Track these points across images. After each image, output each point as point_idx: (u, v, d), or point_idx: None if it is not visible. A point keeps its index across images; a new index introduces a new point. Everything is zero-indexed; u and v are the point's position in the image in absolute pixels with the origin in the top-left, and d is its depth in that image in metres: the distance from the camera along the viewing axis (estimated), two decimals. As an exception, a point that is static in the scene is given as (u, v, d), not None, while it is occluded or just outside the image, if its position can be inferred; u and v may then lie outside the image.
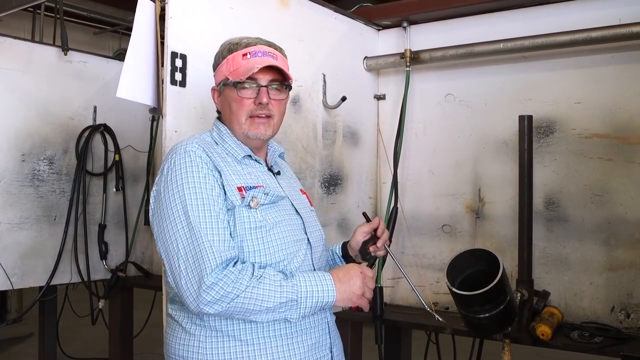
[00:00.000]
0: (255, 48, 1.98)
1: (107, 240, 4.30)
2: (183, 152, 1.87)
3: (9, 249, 3.79)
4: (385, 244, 2.21)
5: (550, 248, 3.10)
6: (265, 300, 1.75)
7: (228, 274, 1.73)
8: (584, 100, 3.05)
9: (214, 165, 1.88)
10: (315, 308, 1.84)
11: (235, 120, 1.99)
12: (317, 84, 3.22)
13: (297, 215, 2.03)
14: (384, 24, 3.65)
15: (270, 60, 1.96)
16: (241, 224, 1.85)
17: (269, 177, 2.05)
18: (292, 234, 1.96)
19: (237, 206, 1.86)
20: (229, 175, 1.90)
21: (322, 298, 1.83)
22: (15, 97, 3.84)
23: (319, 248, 2.07)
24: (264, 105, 1.96)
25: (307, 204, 2.17)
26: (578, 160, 3.05)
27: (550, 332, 2.65)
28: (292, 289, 1.79)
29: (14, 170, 3.83)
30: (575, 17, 3.03)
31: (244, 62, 1.95)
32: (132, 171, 4.48)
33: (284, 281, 1.79)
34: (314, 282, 1.83)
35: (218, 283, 1.72)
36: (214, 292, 1.72)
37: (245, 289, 1.74)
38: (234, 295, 1.73)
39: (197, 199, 1.81)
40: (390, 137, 3.53)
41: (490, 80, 3.33)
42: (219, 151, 1.96)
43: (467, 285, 2.49)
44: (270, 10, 2.95)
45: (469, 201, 3.37)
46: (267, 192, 1.93)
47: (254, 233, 1.86)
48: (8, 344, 6.66)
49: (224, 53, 2.03)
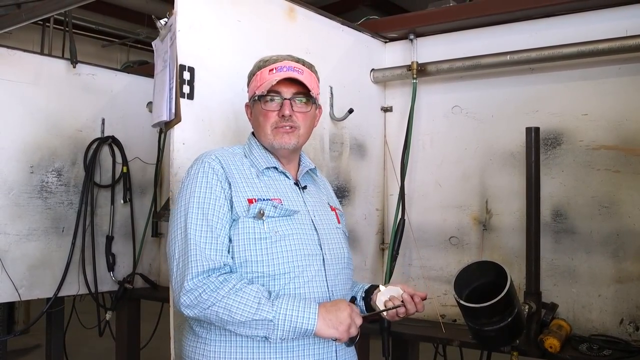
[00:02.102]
0: (281, 64, 2.04)
1: (114, 252, 4.30)
2: (200, 162, 1.97)
3: (17, 260, 3.79)
4: None
5: (558, 260, 3.09)
6: (238, 313, 1.78)
7: (208, 283, 1.81)
8: (591, 112, 3.05)
9: (226, 176, 1.95)
10: (295, 333, 1.82)
11: (262, 132, 2.06)
12: (324, 96, 3.22)
13: (314, 231, 2.03)
14: (390, 36, 3.66)
15: (293, 73, 2.01)
16: (246, 234, 1.90)
17: (293, 190, 2.08)
18: (304, 248, 1.96)
19: (241, 217, 1.91)
20: (242, 188, 1.96)
21: (301, 324, 1.81)
22: (25, 109, 3.86)
23: (337, 265, 2.06)
24: (287, 118, 2.01)
25: (332, 221, 2.16)
26: (585, 172, 3.05)
27: (558, 345, 2.64)
28: (270, 309, 1.79)
29: (23, 182, 3.85)
30: (582, 28, 3.03)
31: (269, 77, 2.02)
32: (139, 183, 4.49)
33: (264, 299, 1.81)
34: (297, 307, 1.82)
35: (197, 289, 1.80)
36: (192, 297, 1.81)
37: (222, 298, 1.79)
38: (210, 303, 1.79)
39: (199, 208, 1.89)
40: (397, 149, 3.53)
41: (497, 92, 3.33)
42: (245, 163, 2.04)
43: (474, 297, 2.48)
44: (278, 23, 2.96)
45: (476, 213, 3.37)
46: (277, 205, 1.96)
47: (258, 244, 1.90)
48: (15, 356, 6.67)
49: (254, 70, 2.11)
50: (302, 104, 2.05)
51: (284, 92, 2.02)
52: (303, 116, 2.05)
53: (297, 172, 2.16)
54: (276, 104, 2.02)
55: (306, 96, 2.05)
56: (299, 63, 2.08)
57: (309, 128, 2.10)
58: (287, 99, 2.02)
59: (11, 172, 3.79)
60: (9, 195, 3.77)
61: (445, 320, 3.29)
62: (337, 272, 2.05)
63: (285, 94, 2.02)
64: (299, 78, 2.01)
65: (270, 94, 2.01)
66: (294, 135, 2.04)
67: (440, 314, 3.32)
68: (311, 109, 2.08)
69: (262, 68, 2.07)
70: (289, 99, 2.02)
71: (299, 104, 2.04)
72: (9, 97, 3.77)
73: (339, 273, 2.07)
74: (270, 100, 2.02)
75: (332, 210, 2.21)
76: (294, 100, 2.03)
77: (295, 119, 2.03)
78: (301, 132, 2.06)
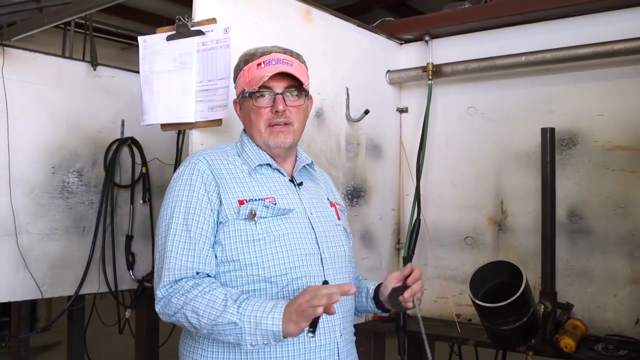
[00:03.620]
0: (269, 57, 1.96)
1: (134, 251, 4.36)
2: (187, 164, 1.94)
3: (39, 259, 3.86)
4: (415, 297, 1.95)
5: (574, 260, 3.08)
6: (205, 316, 1.71)
7: (178, 288, 1.78)
8: (607, 112, 3.04)
9: (214, 178, 1.89)
10: (264, 337, 1.67)
11: (255, 130, 1.98)
12: (340, 98, 3.25)
13: (311, 229, 1.95)
14: (406, 37, 3.67)
15: (283, 67, 1.94)
16: (237, 236, 1.84)
17: (287, 188, 2.00)
18: (300, 247, 1.89)
19: (231, 220, 1.85)
20: (232, 188, 1.89)
21: (265, 326, 1.66)
22: (46, 111, 3.93)
23: (336, 264, 1.98)
24: (280, 113, 1.94)
25: (331, 217, 2.08)
26: (601, 173, 3.04)
27: (574, 345, 2.63)
28: (235, 311, 1.68)
29: (45, 182, 3.91)
30: (598, 29, 3.02)
31: (258, 72, 1.94)
32: (158, 183, 4.54)
33: (231, 302, 1.71)
34: (262, 309, 1.68)
35: (167, 296, 1.79)
36: (161, 304, 1.80)
37: (189, 301, 1.74)
38: (178, 307, 1.76)
39: (178, 214, 1.86)
40: (413, 150, 3.54)
41: (512, 93, 3.33)
42: (236, 162, 1.98)
43: (490, 297, 2.49)
44: (294, 25, 2.98)
45: (492, 213, 3.37)
46: (268, 205, 1.89)
47: (251, 246, 1.83)
48: (37, 352, 6.75)
49: (240, 65, 2.03)
50: (294, 97, 1.97)
51: (275, 87, 1.94)
52: (296, 110, 1.98)
53: (293, 168, 2.08)
54: (268, 100, 1.95)
55: (298, 89, 1.98)
56: (286, 54, 1.99)
57: (302, 122, 2.03)
58: (279, 93, 1.94)
59: (33, 172, 3.86)
60: (31, 195, 3.84)
61: (460, 320, 3.30)
62: (336, 270, 1.97)
63: (277, 88, 1.94)
64: (290, 72, 1.93)
65: (261, 90, 1.93)
66: (289, 132, 1.97)
67: (456, 314, 3.32)
68: (304, 102, 2.01)
69: (249, 62, 1.98)
70: (281, 93, 1.94)
71: (291, 97, 1.97)
72: (31, 99, 3.84)
73: (339, 271, 1.98)
74: (261, 96, 1.94)
75: (331, 206, 2.12)
76: (286, 94, 1.95)
77: (288, 114, 1.95)
78: (295, 127, 1.98)
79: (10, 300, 3.84)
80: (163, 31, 2.53)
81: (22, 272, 3.77)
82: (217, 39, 2.44)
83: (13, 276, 3.74)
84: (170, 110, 2.50)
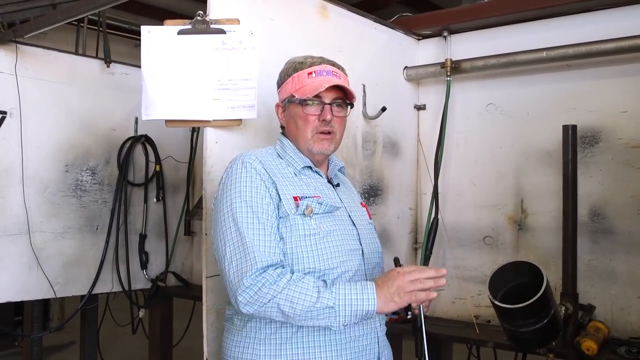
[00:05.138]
0: (320, 67, 2.08)
1: (147, 250, 4.34)
2: (240, 164, 1.99)
3: (52, 258, 3.85)
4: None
5: (596, 261, 3.03)
6: (300, 304, 1.80)
7: (266, 276, 1.82)
8: (631, 109, 2.98)
9: (269, 176, 1.98)
10: (357, 317, 1.84)
11: (301, 136, 2.09)
12: (357, 95, 3.19)
13: (353, 226, 2.09)
14: (424, 33, 3.63)
15: (335, 79, 2.06)
16: (295, 231, 1.94)
17: (328, 188, 2.13)
18: (346, 243, 2.01)
19: (291, 214, 1.94)
20: (285, 186, 1.99)
21: (361, 306, 1.83)
22: (60, 109, 3.91)
23: (373, 260, 2.12)
24: (327, 122, 2.05)
25: (365, 216, 2.23)
26: (624, 171, 2.98)
27: (596, 348, 2.60)
28: (329, 296, 1.81)
29: (58, 181, 3.90)
30: (621, 24, 2.97)
31: (310, 81, 2.06)
32: (172, 181, 4.53)
33: (322, 288, 1.83)
34: (354, 291, 1.84)
35: (255, 285, 1.81)
36: (251, 292, 1.81)
37: (282, 290, 1.80)
38: (270, 297, 1.80)
39: (247, 207, 1.91)
40: (431, 148, 3.50)
41: (532, 89, 3.29)
42: (281, 164, 2.08)
43: (509, 298, 2.46)
44: (310, 21, 2.96)
45: (511, 212, 3.32)
46: (321, 201, 2.00)
47: (307, 240, 1.94)
48: (50, 352, 6.76)
49: (289, 71, 2.12)
50: (339, 108, 2.09)
51: (324, 97, 2.05)
52: (340, 121, 2.10)
53: (327, 171, 2.21)
54: (316, 108, 2.06)
55: (343, 101, 2.09)
56: (335, 67, 2.12)
57: (343, 132, 2.15)
58: (327, 103, 2.05)
59: (46, 170, 3.84)
60: (44, 194, 3.83)
61: (479, 321, 3.26)
62: (373, 265, 2.12)
63: (326, 98, 2.05)
64: (341, 84, 2.05)
65: (313, 99, 2.04)
66: (332, 141, 2.09)
67: (474, 315, 3.28)
68: (347, 113, 2.13)
69: (298, 70, 2.09)
70: (329, 103, 2.06)
71: (337, 108, 2.08)
72: (44, 97, 3.82)
73: (375, 266, 2.13)
74: (311, 104, 2.05)
75: (362, 207, 2.27)
76: (333, 105, 2.07)
77: (333, 124, 2.07)
78: (337, 137, 2.11)
79: (23, 299, 3.84)
80: (172, 24, 2.47)
81: (35, 271, 3.76)
82: (240, 39, 2.44)
83: (26, 275, 3.73)
84: (180, 106, 2.46)
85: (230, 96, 2.44)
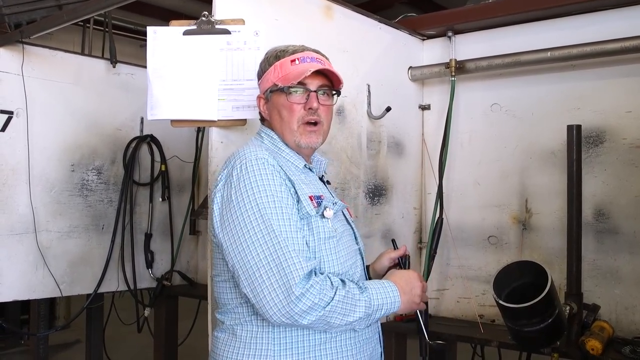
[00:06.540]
0: (303, 54, 1.96)
1: (153, 249, 4.36)
2: (255, 159, 1.81)
3: (58, 257, 3.87)
4: None
5: (600, 261, 3.02)
6: (348, 315, 1.75)
7: (314, 284, 1.69)
8: (635, 109, 2.97)
9: (286, 173, 1.85)
10: (380, 318, 1.86)
11: (286, 128, 1.95)
12: (361, 95, 3.22)
13: (349, 226, 2.02)
14: (428, 33, 3.63)
15: (320, 65, 1.93)
16: (317, 233, 1.83)
17: (323, 186, 2.03)
18: (352, 244, 1.99)
19: (312, 216, 1.83)
20: (299, 185, 1.86)
21: (389, 309, 1.85)
22: (66, 109, 3.92)
23: (363, 258, 2.07)
24: (314, 111, 1.93)
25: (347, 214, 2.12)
26: (629, 171, 2.98)
27: (600, 347, 2.58)
28: (368, 304, 1.79)
29: (64, 180, 3.92)
30: (625, 24, 2.96)
31: (293, 68, 1.93)
32: (177, 181, 4.54)
33: (360, 295, 1.78)
34: (384, 295, 1.84)
35: (306, 294, 1.67)
36: (305, 301, 1.67)
37: (331, 300, 1.71)
38: (324, 304, 1.69)
39: (276, 207, 1.75)
40: (435, 148, 3.50)
41: (537, 89, 3.28)
42: (287, 161, 1.95)
43: (514, 297, 2.46)
44: (315, 21, 2.96)
45: (516, 212, 3.32)
46: (335, 201, 1.94)
47: (327, 243, 1.85)
48: (56, 350, 6.78)
49: (270, 60, 2.01)
50: (326, 96, 1.98)
51: (309, 84, 1.93)
52: (326, 110, 1.98)
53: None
54: (301, 97, 1.93)
55: (329, 89, 1.99)
56: (319, 54, 2.01)
57: (329, 123, 2.02)
58: (313, 91, 1.93)
59: (52, 170, 3.86)
60: (50, 193, 3.84)
61: (483, 321, 3.25)
62: (365, 263, 2.09)
63: (311, 85, 1.93)
64: (329, 68, 1.94)
65: (298, 86, 1.91)
66: (320, 133, 1.97)
67: (479, 314, 3.28)
68: (333, 102, 2.02)
69: (281, 58, 1.97)
70: (315, 90, 1.94)
71: (323, 97, 1.96)
72: (51, 97, 3.83)
73: (362, 264, 2.06)
74: (295, 92, 1.93)
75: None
76: (319, 92, 1.95)
77: (320, 113, 1.94)
78: (324, 128, 1.99)
79: (29, 298, 3.87)
80: (178, 25, 2.49)
81: (42, 270, 3.77)
82: (244, 40, 2.44)
83: (32, 274, 3.74)
84: (185, 106, 2.47)
85: (235, 96, 2.45)
